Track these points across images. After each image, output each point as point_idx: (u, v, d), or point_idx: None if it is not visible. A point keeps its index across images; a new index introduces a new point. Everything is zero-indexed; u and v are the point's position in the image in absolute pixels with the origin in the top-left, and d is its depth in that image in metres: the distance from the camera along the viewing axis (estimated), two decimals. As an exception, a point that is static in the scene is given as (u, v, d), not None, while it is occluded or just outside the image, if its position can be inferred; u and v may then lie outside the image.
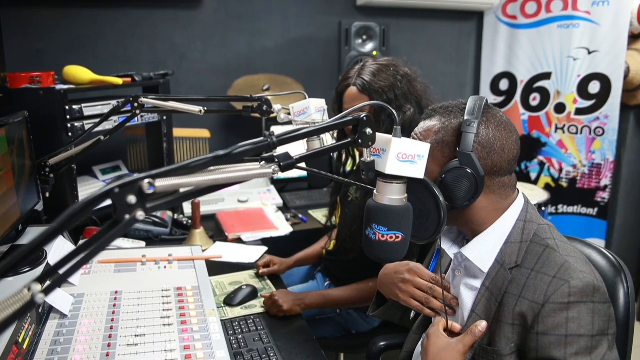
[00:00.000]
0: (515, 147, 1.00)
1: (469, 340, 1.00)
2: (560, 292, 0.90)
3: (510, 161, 0.99)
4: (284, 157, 0.74)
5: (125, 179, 0.58)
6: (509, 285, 0.98)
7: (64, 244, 1.51)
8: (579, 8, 3.02)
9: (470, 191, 0.96)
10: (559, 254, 0.96)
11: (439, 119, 1.02)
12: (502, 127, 0.99)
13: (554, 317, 0.90)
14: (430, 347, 1.03)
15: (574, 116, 3.18)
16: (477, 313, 1.02)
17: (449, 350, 1.00)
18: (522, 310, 0.94)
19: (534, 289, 0.94)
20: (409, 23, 3.21)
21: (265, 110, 1.50)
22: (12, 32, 2.32)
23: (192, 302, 1.37)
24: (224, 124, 2.92)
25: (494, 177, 0.99)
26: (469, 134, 0.95)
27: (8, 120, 1.47)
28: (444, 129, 1.00)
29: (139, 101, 1.45)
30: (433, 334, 1.04)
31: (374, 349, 1.51)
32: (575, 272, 0.92)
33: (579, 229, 3.27)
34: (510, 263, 0.99)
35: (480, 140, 0.97)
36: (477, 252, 1.03)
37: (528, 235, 1.00)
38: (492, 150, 0.97)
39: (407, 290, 1.17)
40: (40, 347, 1.12)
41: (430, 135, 1.02)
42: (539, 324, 0.92)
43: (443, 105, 1.05)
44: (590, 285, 0.91)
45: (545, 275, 0.94)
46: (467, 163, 0.95)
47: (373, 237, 0.84)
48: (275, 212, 2.42)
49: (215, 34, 2.81)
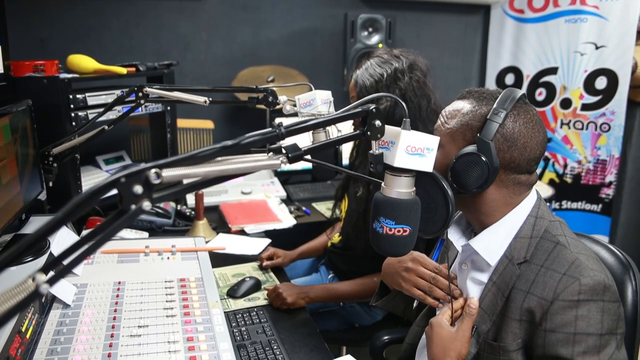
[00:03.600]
0: (538, 148, 0.98)
1: (468, 322, 1.00)
2: (570, 290, 0.89)
3: (530, 161, 0.98)
4: (292, 148, 0.73)
5: (131, 168, 0.57)
6: (517, 281, 0.97)
7: (67, 233, 1.51)
8: (587, 2, 3.00)
9: (480, 179, 0.94)
10: (569, 251, 0.95)
11: (471, 102, 1.01)
12: (530, 125, 0.97)
13: (562, 314, 0.90)
14: (434, 338, 1.02)
15: (580, 112, 3.16)
16: (483, 307, 1.01)
17: (454, 340, 0.99)
18: (530, 306, 0.93)
19: (543, 286, 0.93)
20: (415, 16, 3.18)
21: (271, 101, 1.49)
22: (17, 20, 2.30)
23: (195, 294, 1.36)
24: (227, 115, 2.91)
25: (510, 173, 0.98)
26: (494, 122, 0.94)
27: (12, 108, 1.46)
28: (472, 112, 0.99)
29: (144, 91, 1.44)
30: (436, 324, 1.03)
31: (377, 343, 1.51)
32: (586, 269, 0.91)
33: (583, 225, 3.26)
34: (519, 258, 0.98)
35: (505, 132, 0.95)
36: (485, 244, 1.01)
37: (538, 231, 0.99)
38: (513, 144, 0.96)
39: (410, 279, 1.16)
40: (43, 336, 1.12)
41: (457, 116, 1.01)
42: (547, 320, 0.91)
43: (480, 90, 1.04)
44: (601, 284, 0.90)
45: (555, 272, 0.93)
46: (483, 151, 0.94)
47: (380, 230, 0.83)
48: (279, 204, 2.41)
49: (220, 25, 2.79)
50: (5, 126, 1.38)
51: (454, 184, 0.96)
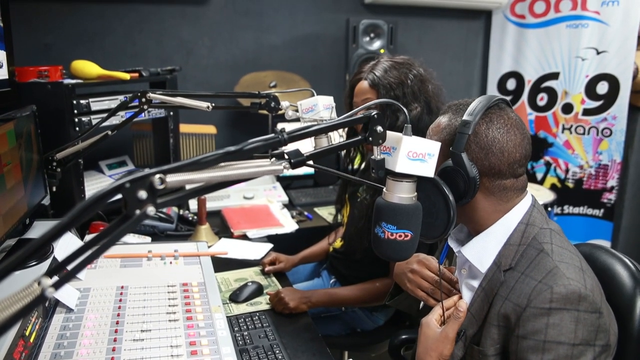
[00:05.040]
0: (517, 151, 0.97)
1: (454, 325, 1.00)
2: (542, 297, 0.89)
3: (512, 164, 0.97)
4: (295, 154, 0.73)
5: (136, 173, 0.58)
6: (500, 287, 0.98)
7: (70, 238, 1.51)
8: (588, 8, 3.00)
9: (461, 191, 0.95)
10: (550, 258, 0.94)
11: (448, 116, 1.02)
12: (504, 130, 0.97)
13: (534, 321, 0.90)
14: (421, 337, 1.03)
15: (582, 117, 3.16)
16: (472, 312, 1.03)
17: (436, 340, 1.00)
18: (506, 312, 0.94)
19: (519, 292, 0.93)
20: (417, 21, 3.20)
21: (273, 107, 1.50)
22: (21, 26, 2.32)
23: (197, 298, 1.37)
24: (230, 121, 2.92)
25: (494, 180, 0.98)
26: (463, 134, 0.94)
27: (16, 114, 1.47)
28: (448, 126, 1.01)
29: (147, 96, 1.45)
30: (425, 324, 1.04)
31: (395, 342, 1.54)
32: (561, 278, 0.90)
33: (585, 230, 3.26)
34: (505, 265, 0.99)
35: (479, 141, 0.96)
36: (476, 252, 1.03)
37: (527, 238, 0.99)
38: (489, 152, 0.96)
39: (414, 280, 1.18)
40: (46, 340, 1.12)
41: (437, 132, 1.03)
42: (520, 327, 0.91)
43: (459, 102, 1.05)
44: (575, 293, 0.88)
45: (532, 279, 0.93)
46: (458, 163, 0.95)
47: (382, 235, 0.84)
48: (281, 209, 2.42)
49: (223, 30, 2.81)
50: (10, 131, 1.39)
51: None
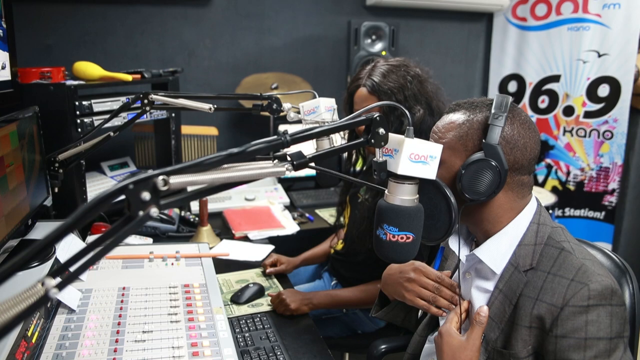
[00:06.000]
0: (536, 147, 1.00)
1: (478, 331, 0.99)
2: (580, 295, 0.90)
3: (531, 160, 1.00)
4: (297, 156, 0.74)
5: (139, 175, 0.58)
6: (525, 288, 0.97)
7: (72, 239, 1.52)
8: (589, 10, 3.01)
9: (493, 184, 0.95)
10: (575, 256, 0.96)
11: (464, 113, 1.02)
12: (525, 126, 0.99)
13: (573, 320, 0.90)
14: (444, 347, 1.01)
15: (583, 119, 3.16)
16: (490, 315, 1.01)
17: (464, 349, 0.99)
18: (540, 313, 0.94)
19: (552, 292, 0.93)
20: (418, 23, 3.20)
21: (275, 108, 1.50)
22: (24, 27, 2.33)
23: (199, 300, 1.37)
24: (231, 122, 2.93)
25: (515, 175, 0.99)
26: (496, 126, 0.95)
27: (19, 115, 1.47)
28: (468, 121, 1.00)
29: (149, 98, 1.45)
30: (446, 333, 1.02)
31: (375, 352, 1.49)
32: (594, 275, 0.92)
33: (586, 233, 3.26)
34: (525, 265, 0.99)
35: (505, 135, 0.97)
36: (490, 253, 1.02)
37: (542, 237, 1.00)
38: (515, 146, 0.97)
39: (413, 289, 1.15)
40: (48, 341, 1.13)
41: (453, 129, 1.01)
42: (558, 326, 0.91)
43: (468, 101, 1.05)
44: (609, 288, 0.91)
45: (563, 278, 0.93)
46: (492, 155, 0.94)
47: (384, 237, 0.84)
48: (282, 210, 2.42)
49: (225, 32, 2.81)
50: (13, 132, 1.40)
51: (466, 194, 0.95)
